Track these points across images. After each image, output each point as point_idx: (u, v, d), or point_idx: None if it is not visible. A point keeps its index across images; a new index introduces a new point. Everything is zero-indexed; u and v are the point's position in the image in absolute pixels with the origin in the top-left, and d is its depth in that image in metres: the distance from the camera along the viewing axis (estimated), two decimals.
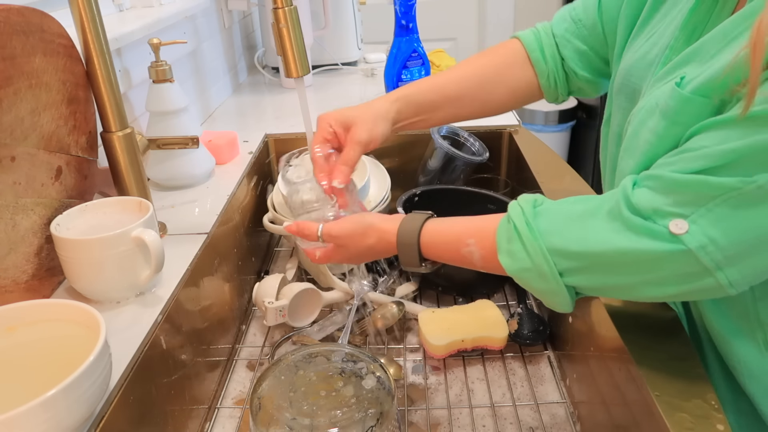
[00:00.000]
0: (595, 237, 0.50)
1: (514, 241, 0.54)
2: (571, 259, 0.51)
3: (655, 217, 0.46)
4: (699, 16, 0.55)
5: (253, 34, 1.78)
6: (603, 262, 0.49)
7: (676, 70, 0.53)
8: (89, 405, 0.47)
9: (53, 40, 0.64)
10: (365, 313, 0.89)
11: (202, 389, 0.73)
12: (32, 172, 0.63)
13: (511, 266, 0.54)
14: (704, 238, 0.44)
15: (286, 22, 0.70)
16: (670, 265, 0.46)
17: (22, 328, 0.53)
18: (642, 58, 0.62)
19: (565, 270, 0.52)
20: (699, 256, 0.45)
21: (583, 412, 0.70)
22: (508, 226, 0.55)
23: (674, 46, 0.56)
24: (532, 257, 0.52)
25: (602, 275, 0.50)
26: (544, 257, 0.52)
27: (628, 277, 0.49)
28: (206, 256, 0.77)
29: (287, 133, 1.18)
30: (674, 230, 0.45)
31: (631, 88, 0.63)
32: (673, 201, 0.46)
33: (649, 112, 0.54)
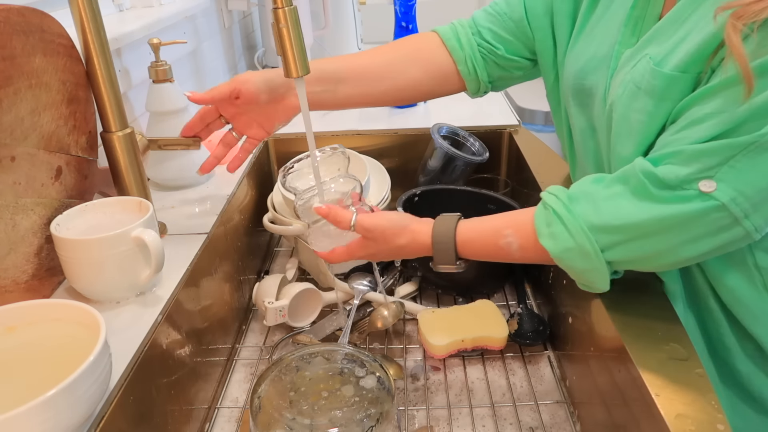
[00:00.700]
0: (630, 212, 0.53)
1: (555, 224, 0.57)
2: (611, 233, 0.54)
3: (683, 185, 0.50)
4: (638, 11, 0.61)
5: (253, 34, 1.78)
6: (641, 233, 0.53)
7: (636, 55, 0.58)
8: (89, 405, 0.47)
9: (53, 40, 0.64)
10: (365, 313, 0.89)
11: (202, 389, 0.73)
12: (32, 172, 0.63)
13: (555, 248, 0.57)
14: (733, 191, 0.49)
15: (286, 22, 0.70)
16: (704, 221, 0.50)
17: (22, 328, 0.53)
18: (592, 59, 0.66)
19: (605, 245, 0.55)
20: (730, 208, 0.49)
21: (583, 412, 0.70)
22: (546, 212, 0.58)
23: (622, 41, 0.62)
24: (574, 236, 0.55)
25: (641, 244, 0.53)
26: (586, 235, 0.55)
27: (666, 242, 0.52)
28: (206, 256, 0.77)
29: (287, 133, 1.18)
30: (704, 189, 0.49)
31: (588, 86, 0.67)
32: (697, 168, 0.50)
33: (631, 95, 0.57)
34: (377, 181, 1.02)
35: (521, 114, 2.50)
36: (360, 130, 1.16)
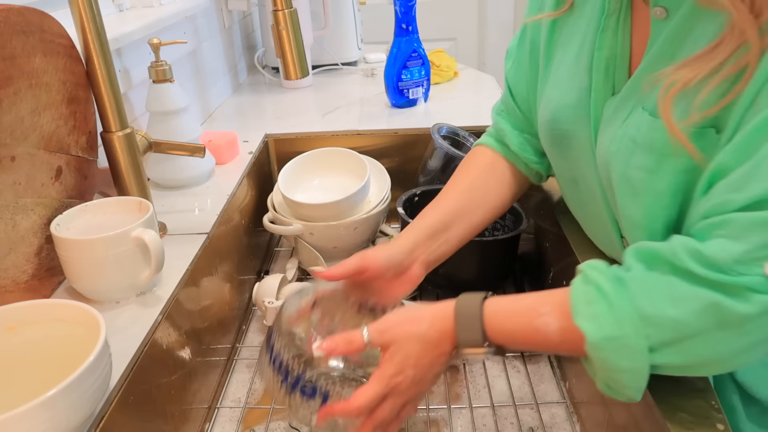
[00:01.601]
0: (687, 300, 0.43)
1: (598, 303, 0.46)
2: (666, 329, 0.43)
3: (741, 268, 0.41)
4: (606, 52, 0.56)
5: (253, 34, 1.78)
6: (701, 329, 0.42)
7: (625, 106, 0.54)
8: (89, 405, 0.47)
9: (53, 40, 0.64)
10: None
11: (202, 389, 0.73)
12: (32, 172, 0.63)
13: (594, 333, 0.45)
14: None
15: (286, 25, 0.70)
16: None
17: (22, 328, 0.53)
18: (562, 105, 0.62)
19: (656, 344, 0.44)
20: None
21: (583, 412, 0.70)
22: (587, 287, 0.47)
23: (597, 88, 0.57)
24: (622, 323, 0.44)
25: (697, 346, 0.43)
26: (635, 325, 0.44)
27: (728, 345, 0.42)
28: (206, 256, 0.77)
29: (287, 133, 1.18)
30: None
31: (566, 135, 0.63)
32: (754, 244, 0.41)
33: (628, 151, 0.52)
34: (377, 181, 1.02)
35: None
36: (360, 130, 1.16)
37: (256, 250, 1.03)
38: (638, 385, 0.46)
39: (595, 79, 0.57)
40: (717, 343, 0.43)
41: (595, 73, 0.57)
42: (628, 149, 0.52)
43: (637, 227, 0.53)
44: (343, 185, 1.01)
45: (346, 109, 1.32)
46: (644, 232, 0.53)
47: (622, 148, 0.53)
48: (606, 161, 0.56)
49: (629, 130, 0.52)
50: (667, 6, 0.50)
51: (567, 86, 0.62)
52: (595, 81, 0.57)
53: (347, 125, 1.19)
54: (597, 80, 0.57)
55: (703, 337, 0.42)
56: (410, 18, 1.25)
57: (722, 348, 0.43)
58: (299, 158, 1.03)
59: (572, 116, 0.61)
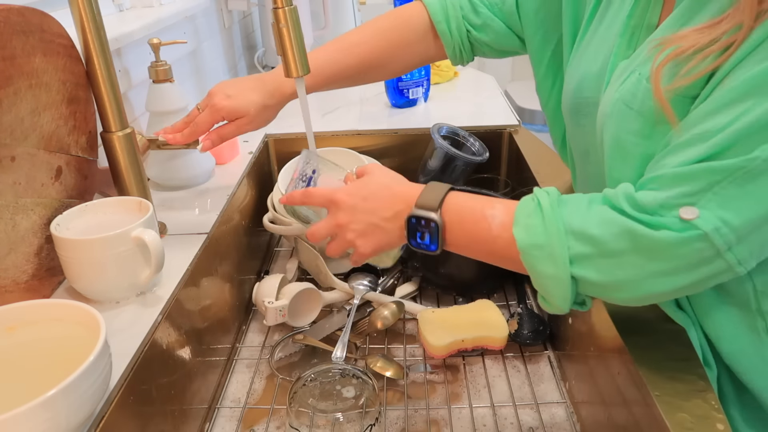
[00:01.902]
0: (609, 224, 0.48)
1: (535, 216, 0.51)
2: (587, 242, 0.49)
3: (662, 211, 0.46)
4: (635, 20, 0.58)
5: (253, 34, 1.78)
6: (615, 250, 0.47)
7: (627, 69, 0.55)
8: (89, 405, 0.47)
9: (53, 40, 0.64)
10: (365, 313, 0.89)
11: (202, 389, 0.73)
12: (32, 172, 0.63)
13: (524, 240, 0.51)
14: (717, 220, 0.44)
15: (286, 22, 0.70)
16: (683, 252, 0.45)
17: (22, 328, 0.53)
18: (588, 73, 0.64)
19: (576, 256, 0.49)
20: (713, 238, 0.44)
21: (583, 412, 0.70)
22: (532, 202, 0.52)
23: (617, 52, 0.59)
24: (549, 233, 0.50)
25: (612, 265, 0.48)
26: (560, 236, 0.49)
27: (639, 269, 0.47)
28: (206, 256, 0.77)
29: (287, 133, 1.18)
30: (685, 216, 0.45)
31: (586, 103, 0.64)
32: (678, 193, 0.46)
33: (622, 115, 0.54)
34: None
35: (521, 114, 2.50)
36: (360, 130, 1.16)
37: (256, 250, 1.03)
38: (563, 293, 0.50)
39: (618, 45, 0.59)
40: (630, 266, 0.47)
41: (619, 38, 0.59)
42: (621, 112, 0.54)
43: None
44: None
45: (346, 109, 1.32)
46: None
47: (616, 111, 0.55)
48: (601, 123, 0.57)
49: (624, 93, 0.54)
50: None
51: (594, 55, 0.63)
52: (617, 46, 0.59)
53: (347, 125, 1.19)
54: (619, 46, 0.58)
55: (618, 257, 0.47)
56: None
57: (634, 271, 0.47)
58: None
59: (594, 84, 0.62)
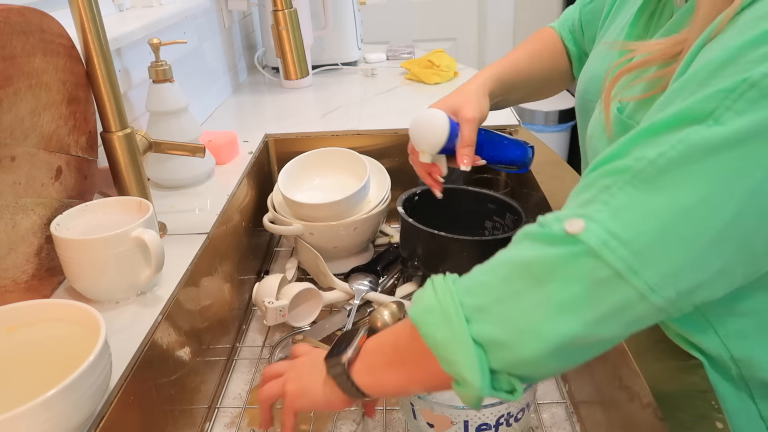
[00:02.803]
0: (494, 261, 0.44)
1: (426, 288, 0.47)
2: (479, 292, 0.43)
3: (552, 224, 0.40)
4: (639, 31, 0.56)
5: (253, 34, 1.78)
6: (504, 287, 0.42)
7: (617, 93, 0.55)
8: (89, 405, 0.47)
9: (53, 40, 0.64)
10: (365, 313, 0.89)
11: (202, 389, 0.73)
12: (32, 172, 0.63)
13: (414, 310, 0.46)
14: (603, 232, 0.37)
15: (286, 25, 0.70)
16: (572, 269, 0.39)
17: (22, 328, 0.53)
18: (594, 77, 0.63)
19: (471, 310, 0.43)
20: (602, 254, 0.37)
21: (583, 412, 0.70)
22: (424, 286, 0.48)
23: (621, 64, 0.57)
24: (438, 294, 0.45)
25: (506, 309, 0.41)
26: (450, 294, 0.44)
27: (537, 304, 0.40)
28: (206, 256, 0.77)
29: (287, 133, 1.18)
30: (569, 229, 0.39)
31: (591, 106, 0.62)
32: (574, 204, 0.41)
33: (598, 136, 0.53)
34: (377, 181, 1.02)
35: (521, 114, 2.50)
36: (360, 130, 1.16)
37: (256, 250, 1.03)
38: (468, 360, 0.42)
39: (621, 53, 0.57)
40: (526, 304, 0.40)
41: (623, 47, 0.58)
42: (598, 135, 0.53)
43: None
44: (343, 185, 1.01)
45: (346, 109, 1.32)
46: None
47: (595, 134, 0.54)
48: (588, 141, 0.57)
49: (602, 116, 0.52)
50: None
51: (602, 57, 0.62)
52: (620, 54, 0.57)
53: (347, 125, 1.19)
54: (622, 53, 0.57)
55: (513, 298, 0.41)
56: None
57: (532, 309, 0.40)
58: (299, 158, 1.03)
59: (598, 87, 0.61)
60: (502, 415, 0.59)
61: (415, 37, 2.61)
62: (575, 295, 0.39)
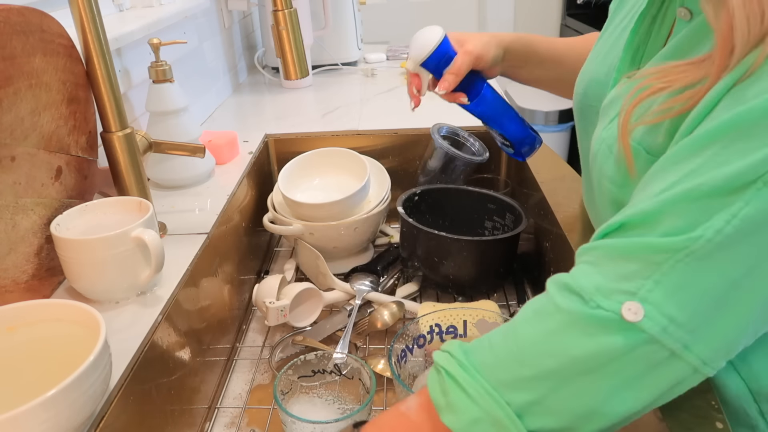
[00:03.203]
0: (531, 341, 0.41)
1: (452, 391, 0.42)
2: (525, 387, 0.40)
3: (600, 299, 0.38)
4: (640, 37, 0.54)
5: (253, 34, 1.78)
6: (562, 378, 0.39)
7: (615, 106, 0.52)
8: (89, 405, 0.47)
9: (53, 40, 0.64)
10: (366, 313, 0.89)
11: (202, 389, 0.73)
12: (32, 172, 0.63)
13: (457, 423, 0.42)
14: (662, 318, 0.37)
15: (286, 25, 0.70)
16: (632, 359, 0.38)
17: (22, 328, 0.53)
18: (594, 79, 0.61)
19: (522, 407, 0.40)
20: (662, 340, 0.37)
21: None
22: (439, 376, 0.44)
23: (620, 68, 0.55)
24: (478, 401, 0.41)
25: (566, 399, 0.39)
26: (491, 396, 0.41)
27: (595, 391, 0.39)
28: (206, 256, 0.77)
29: (287, 133, 1.18)
30: (628, 317, 0.37)
31: (591, 110, 0.61)
32: (615, 274, 0.38)
33: (604, 158, 0.51)
34: (377, 181, 1.02)
35: (521, 114, 2.50)
36: (360, 130, 1.16)
37: (256, 250, 1.03)
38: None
39: (621, 59, 0.55)
40: (581, 392, 0.39)
41: (623, 52, 0.55)
42: (604, 155, 0.51)
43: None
44: (343, 185, 1.01)
45: (346, 109, 1.32)
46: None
47: (600, 153, 0.52)
48: (593, 155, 0.55)
49: (609, 134, 0.50)
50: (691, 8, 0.48)
51: (602, 60, 0.61)
52: (621, 61, 0.55)
53: (347, 125, 1.19)
54: (623, 61, 0.55)
55: (566, 388, 0.39)
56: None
57: (590, 395, 0.39)
58: (299, 158, 1.03)
59: (598, 91, 0.59)
60: None
61: None
62: (632, 378, 0.38)
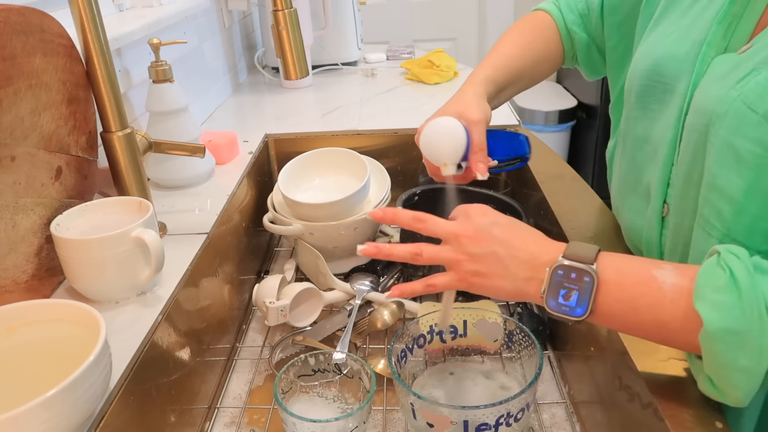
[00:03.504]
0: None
1: (728, 292, 0.42)
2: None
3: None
4: (737, 8, 0.52)
5: (253, 34, 1.78)
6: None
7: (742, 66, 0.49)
8: (89, 405, 0.47)
9: (53, 40, 0.64)
10: (366, 313, 0.89)
11: (202, 389, 0.73)
12: (32, 172, 0.63)
13: (714, 322, 0.41)
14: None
15: (286, 25, 0.70)
16: None
17: (22, 328, 0.53)
18: (670, 55, 0.58)
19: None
20: None
21: (583, 412, 0.70)
22: (722, 272, 0.43)
23: (711, 41, 0.53)
24: (749, 317, 0.41)
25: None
26: (762, 322, 0.40)
27: None
28: (206, 256, 0.77)
29: (287, 133, 1.18)
30: None
31: (662, 88, 0.59)
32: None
33: (741, 118, 0.47)
34: (377, 181, 1.02)
35: (521, 114, 2.50)
36: (360, 130, 1.16)
37: (256, 250, 1.03)
38: (750, 388, 0.42)
39: (714, 32, 0.53)
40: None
41: (716, 26, 0.53)
42: (741, 114, 0.47)
43: (728, 200, 0.48)
44: (343, 185, 1.01)
45: (346, 109, 1.32)
46: (734, 208, 0.48)
47: (732, 112, 0.48)
48: (705, 122, 0.51)
49: (747, 94, 0.47)
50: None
51: (680, 37, 0.58)
52: (713, 34, 0.53)
53: (347, 125, 1.19)
54: (715, 34, 0.53)
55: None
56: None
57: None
58: (299, 158, 1.03)
59: (677, 69, 0.57)
60: (502, 415, 0.59)
61: (415, 37, 2.62)
62: None
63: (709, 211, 0.51)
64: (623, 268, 0.48)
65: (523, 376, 0.70)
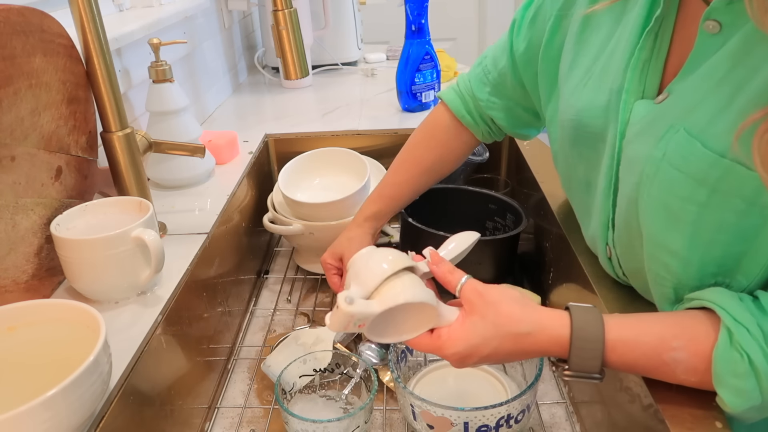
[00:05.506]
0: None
1: (747, 378, 0.44)
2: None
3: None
4: (646, 54, 0.53)
5: (253, 34, 1.78)
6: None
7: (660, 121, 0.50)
8: (89, 405, 0.47)
9: (53, 40, 0.64)
10: None
11: (202, 389, 0.73)
12: (32, 172, 0.63)
13: (738, 406, 0.45)
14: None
15: (286, 25, 0.70)
16: None
17: (22, 328, 0.53)
18: (591, 105, 0.58)
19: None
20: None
21: (583, 412, 0.70)
22: (737, 355, 0.44)
23: (629, 88, 0.54)
24: (765, 394, 0.44)
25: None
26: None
27: None
28: (206, 256, 0.77)
29: (287, 133, 1.18)
30: None
31: (590, 135, 0.59)
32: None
33: (670, 179, 0.48)
34: (377, 181, 1.02)
35: None
36: (360, 130, 1.16)
37: (256, 250, 1.03)
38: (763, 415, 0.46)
39: (629, 80, 0.54)
40: None
41: (630, 72, 0.54)
42: (669, 176, 0.48)
43: (672, 255, 0.50)
44: (343, 185, 1.01)
45: (346, 109, 1.32)
46: (680, 262, 0.50)
47: (661, 174, 0.49)
48: (636, 180, 0.52)
49: (670, 154, 0.48)
50: (722, 21, 0.46)
51: (597, 85, 0.58)
52: (629, 81, 0.54)
53: (347, 125, 1.19)
54: (631, 81, 0.54)
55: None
56: (422, 19, 1.23)
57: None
58: (299, 158, 1.03)
59: (601, 119, 0.57)
60: (503, 416, 0.59)
61: None
62: None
63: (656, 266, 0.52)
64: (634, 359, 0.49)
65: (523, 377, 0.70)
